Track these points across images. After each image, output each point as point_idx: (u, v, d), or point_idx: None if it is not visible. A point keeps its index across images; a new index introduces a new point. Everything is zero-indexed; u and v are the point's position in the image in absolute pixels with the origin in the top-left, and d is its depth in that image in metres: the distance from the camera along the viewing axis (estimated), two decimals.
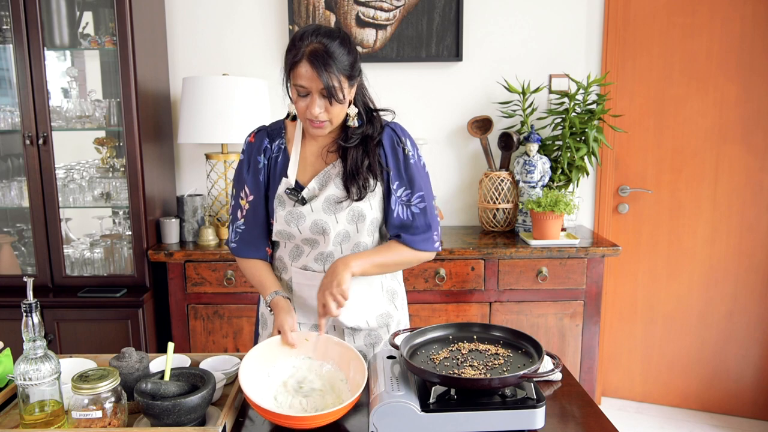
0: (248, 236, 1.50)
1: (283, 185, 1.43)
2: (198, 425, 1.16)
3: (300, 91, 1.30)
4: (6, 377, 1.36)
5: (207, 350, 2.50)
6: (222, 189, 2.64)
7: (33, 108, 2.37)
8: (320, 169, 1.44)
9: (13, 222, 2.74)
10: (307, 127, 1.37)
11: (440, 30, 2.75)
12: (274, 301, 1.41)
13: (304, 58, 1.27)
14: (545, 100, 2.86)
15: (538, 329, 2.50)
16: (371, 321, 1.51)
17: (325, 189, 1.41)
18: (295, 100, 1.33)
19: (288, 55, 1.31)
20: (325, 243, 1.43)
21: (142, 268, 2.48)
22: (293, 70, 1.29)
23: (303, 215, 1.41)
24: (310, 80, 1.28)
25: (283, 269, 1.53)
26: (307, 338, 1.37)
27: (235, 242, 1.51)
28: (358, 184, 1.39)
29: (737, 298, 2.86)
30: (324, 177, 1.43)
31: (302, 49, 1.27)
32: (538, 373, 1.17)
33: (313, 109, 1.30)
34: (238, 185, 1.49)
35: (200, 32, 2.80)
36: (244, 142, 1.49)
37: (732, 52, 2.70)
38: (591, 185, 2.95)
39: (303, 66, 1.27)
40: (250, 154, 1.47)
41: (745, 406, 2.93)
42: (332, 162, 1.44)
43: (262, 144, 1.46)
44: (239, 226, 1.50)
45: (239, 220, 1.50)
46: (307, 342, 1.36)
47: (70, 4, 2.53)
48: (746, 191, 2.78)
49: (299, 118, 1.37)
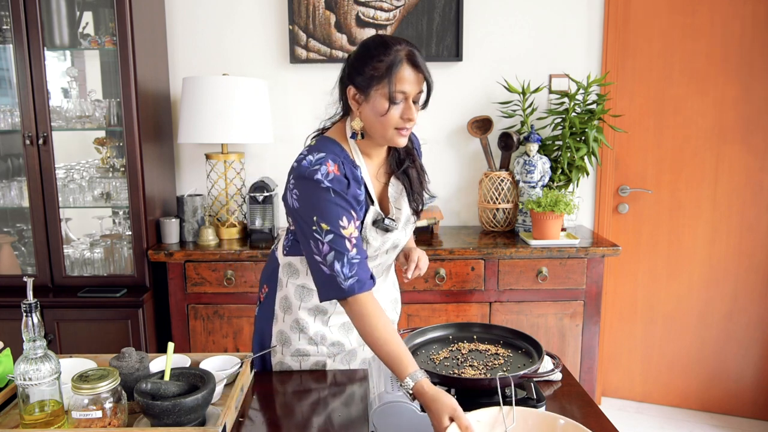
0: (365, 265, 1.30)
1: (372, 213, 1.37)
2: (198, 425, 1.16)
3: (398, 97, 1.25)
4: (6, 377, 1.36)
5: (207, 350, 2.50)
6: (222, 189, 2.64)
7: (33, 108, 2.37)
8: (380, 190, 1.44)
9: (13, 222, 2.74)
10: (391, 136, 1.30)
11: (440, 30, 2.75)
12: (422, 385, 1.12)
13: (405, 62, 1.25)
14: (545, 100, 2.86)
15: (538, 329, 2.50)
16: (387, 307, 1.58)
17: (402, 210, 1.43)
18: (385, 109, 1.26)
19: (378, 63, 1.25)
20: (387, 255, 1.46)
21: (142, 268, 2.48)
22: (394, 75, 1.24)
23: (389, 238, 1.41)
24: (413, 83, 1.26)
25: (308, 296, 1.47)
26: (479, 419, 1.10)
27: (353, 276, 1.26)
28: (421, 200, 1.46)
29: (737, 298, 2.86)
30: (394, 198, 1.44)
31: (400, 53, 1.25)
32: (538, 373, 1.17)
33: (412, 113, 1.27)
34: (335, 215, 1.27)
35: (200, 32, 2.80)
36: (320, 174, 1.28)
37: (732, 52, 2.70)
38: (591, 185, 2.95)
39: (406, 69, 1.25)
40: (340, 184, 1.30)
41: (745, 406, 2.93)
42: (387, 181, 1.45)
43: (350, 173, 1.33)
44: (353, 257, 1.27)
45: (350, 251, 1.27)
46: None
47: (70, 4, 2.53)
48: (746, 191, 2.78)
49: (384, 127, 1.29)
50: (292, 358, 1.51)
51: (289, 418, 1.29)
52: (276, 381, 1.47)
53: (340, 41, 2.76)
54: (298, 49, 2.76)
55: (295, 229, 1.36)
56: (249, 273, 2.45)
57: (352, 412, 1.30)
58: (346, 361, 1.54)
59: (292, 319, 1.49)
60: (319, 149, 1.32)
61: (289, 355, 1.51)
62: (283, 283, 1.49)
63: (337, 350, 1.52)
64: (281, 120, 2.84)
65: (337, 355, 1.52)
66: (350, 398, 1.36)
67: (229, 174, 2.65)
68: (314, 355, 1.51)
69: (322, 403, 1.35)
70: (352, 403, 1.34)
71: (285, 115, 2.85)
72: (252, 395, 1.39)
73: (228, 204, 2.65)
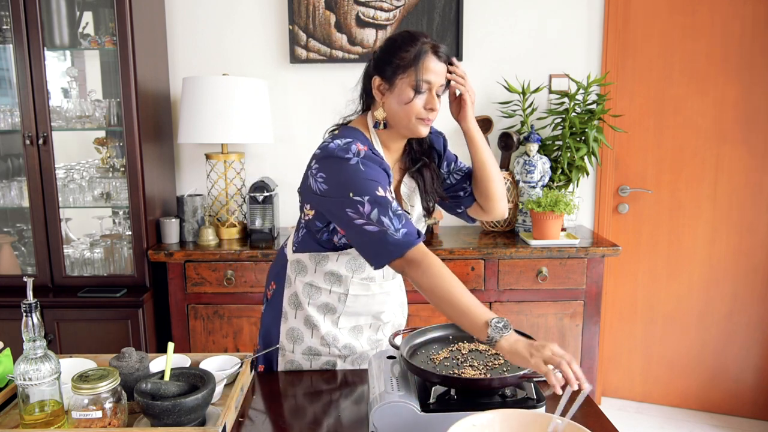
0: (411, 221, 1.28)
1: None
2: (198, 425, 1.16)
3: (423, 86, 1.30)
4: (6, 377, 1.36)
5: (207, 350, 2.50)
6: (222, 189, 2.64)
7: (33, 108, 2.37)
8: (395, 186, 1.45)
9: (13, 222, 2.74)
10: (413, 126, 1.33)
11: (440, 30, 2.75)
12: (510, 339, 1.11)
13: (431, 53, 1.30)
14: (545, 100, 2.86)
15: (538, 329, 2.50)
16: (396, 312, 1.62)
17: (414, 207, 1.47)
18: (409, 98, 1.30)
19: (405, 53, 1.29)
20: None
21: (142, 268, 2.48)
22: (421, 64, 1.29)
23: None
24: (438, 74, 1.31)
25: (336, 282, 1.45)
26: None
27: (404, 226, 1.23)
28: (434, 200, 1.49)
29: (737, 298, 2.86)
30: (407, 194, 1.46)
31: (426, 44, 1.30)
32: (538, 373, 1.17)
33: (435, 103, 1.31)
34: (371, 187, 1.25)
35: (200, 32, 2.80)
36: (351, 153, 1.28)
37: (732, 52, 2.70)
38: (591, 185, 2.95)
39: (432, 60, 1.30)
40: (371, 160, 1.30)
41: (745, 406, 2.93)
42: (402, 177, 1.47)
43: (377, 154, 1.35)
44: (397, 209, 1.25)
45: (392, 203, 1.25)
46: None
47: (70, 4, 2.53)
48: (746, 191, 2.78)
49: (408, 117, 1.32)
50: (303, 356, 1.50)
51: (290, 418, 1.29)
52: (276, 381, 1.47)
53: (340, 41, 2.76)
54: (298, 49, 2.76)
55: (323, 211, 1.35)
56: (249, 273, 2.45)
57: (352, 411, 1.30)
58: (357, 363, 1.55)
59: (304, 315, 1.48)
60: (344, 135, 1.33)
61: (300, 353, 1.50)
62: (291, 280, 1.49)
63: (348, 352, 1.52)
64: (281, 120, 2.84)
65: (347, 357, 1.53)
66: (351, 398, 1.37)
67: (229, 174, 2.65)
68: (325, 356, 1.51)
69: (323, 403, 1.35)
70: (353, 403, 1.34)
71: (285, 115, 2.85)
72: (252, 395, 1.39)
73: (228, 204, 2.65)
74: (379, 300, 1.51)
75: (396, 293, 1.59)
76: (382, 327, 1.59)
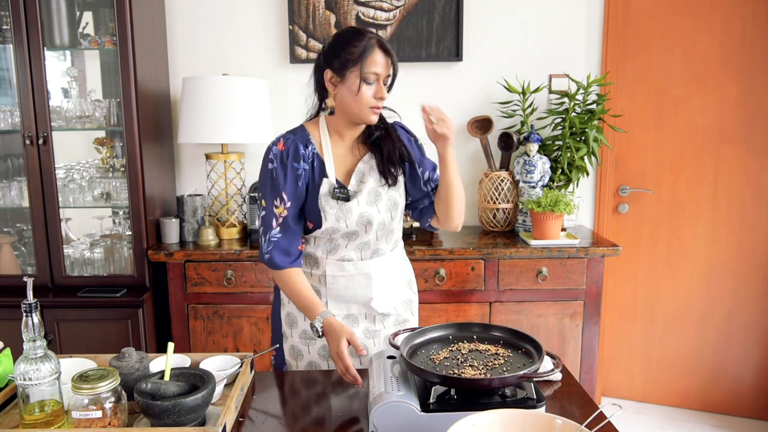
0: (284, 243, 1.50)
1: (326, 185, 1.50)
2: (198, 425, 1.16)
3: (370, 78, 1.42)
4: (6, 377, 1.36)
5: (207, 350, 2.50)
6: (222, 189, 2.64)
7: (33, 108, 2.37)
8: (352, 165, 1.54)
9: (13, 222, 2.74)
10: (365, 114, 1.45)
11: (440, 30, 2.75)
12: (328, 320, 1.42)
13: (377, 47, 1.42)
14: (545, 100, 2.86)
15: (538, 329, 2.50)
16: (398, 307, 1.64)
17: (366, 182, 1.52)
18: (360, 89, 1.42)
19: (353, 48, 1.41)
20: (367, 233, 1.53)
21: (142, 268, 2.48)
22: (367, 58, 1.40)
23: (351, 210, 1.50)
24: (384, 66, 1.42)
25: (314, 265, 1.58)
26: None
27: (268, 252, 1.50)
28: (395, 169, 1.54)
29: (737, 298, 2.86)
30: (360, 172, 1.53)
31: (371, 40, 1.42)
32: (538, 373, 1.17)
33: (383, 92, 1.44)
34: (273, 194, 1.49)
35: (200, 32, 2.80)
36: (270, 152, 1.50)
37: (732, 52, 2.70)
38: (591, 185, 2.95)
39: (377, 54, 1.41)
40: (283, 161, 1.48)
41: (745, 406, 2.93)
42: (362, 157, 1.55)
43: (297, 151, 1.49)
44: (274, 235, 1.50)
45: (274, 229, 1.50)
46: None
47: (70, 4, 2.53)
48: (746, 192, 2.78)
49: (359, 106, 1.44)
50: (300, 340, 1.59)
51: (290, 417, 1.29)
52: (276, 381, 1.47)
53: None
54: (298, 49, 2.76)
55: None
56: (249, 273, 2.45)
57: (352, 411, 1.30)
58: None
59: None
60: (284, 133, 1.52)
61: (297, 336, 1.60)
62: None
63: None
64: (281, 120, 2.83)
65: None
66: (351, 398, 1.36)
67: (229, 174, 2.65)
68: (321, 340, 1.57)
69: (323, 402, 1.35)
70: (353, 402, 1.34)
71: (285, 115, 2.84)
72: (252, 395, 1.39)
73: (228, 204, 2.65)
74: (360, 282, 1.56)
75: (401, 290, 1.64)
76: (379, 318, 1.61)
